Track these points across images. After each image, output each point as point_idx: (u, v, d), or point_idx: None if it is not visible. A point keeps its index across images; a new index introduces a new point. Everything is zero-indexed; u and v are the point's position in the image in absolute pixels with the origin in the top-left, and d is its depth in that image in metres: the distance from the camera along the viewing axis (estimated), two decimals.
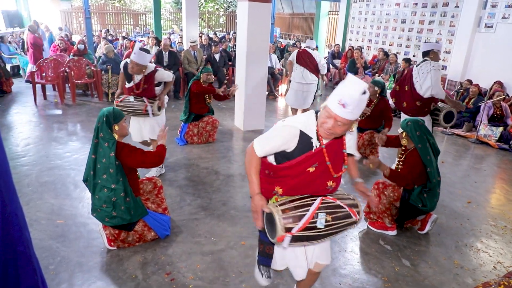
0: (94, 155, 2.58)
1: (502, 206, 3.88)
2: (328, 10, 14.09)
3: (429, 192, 2.98)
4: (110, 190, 2.56)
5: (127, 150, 2.61)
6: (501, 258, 2.96)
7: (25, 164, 4.24)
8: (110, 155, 2.53)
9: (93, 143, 2.59)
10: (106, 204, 2.58)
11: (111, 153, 2.53)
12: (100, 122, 2.57)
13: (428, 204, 2.97)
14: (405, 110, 4.41)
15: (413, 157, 2.99)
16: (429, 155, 2.94)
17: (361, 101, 1.54)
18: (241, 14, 5.58)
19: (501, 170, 4.96)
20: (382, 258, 2.87)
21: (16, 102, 7.04)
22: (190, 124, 5.10)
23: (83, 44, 7.97)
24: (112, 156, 2.52)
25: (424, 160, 2.93)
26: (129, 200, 2.62)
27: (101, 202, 2.59)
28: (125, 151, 2.60)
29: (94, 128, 2.60)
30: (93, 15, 17.74)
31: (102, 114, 2.59)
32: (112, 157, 2.52)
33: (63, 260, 2.65)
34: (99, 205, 2.60)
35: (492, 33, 7.21)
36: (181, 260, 2.72)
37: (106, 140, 2.54)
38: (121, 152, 2.58)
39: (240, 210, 3.47)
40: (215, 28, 22.08)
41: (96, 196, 2.61)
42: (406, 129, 3.01)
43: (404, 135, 3.04)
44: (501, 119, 6.21)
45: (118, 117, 2.63)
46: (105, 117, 2.57)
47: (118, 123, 2.61)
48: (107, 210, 2.59)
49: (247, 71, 5.63)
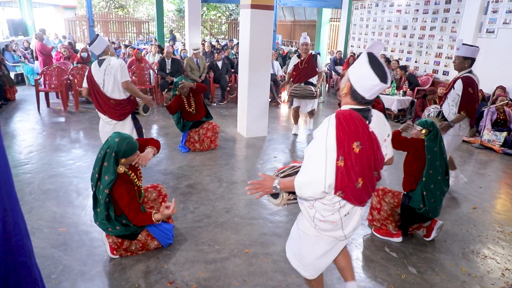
0: (98, 175, 2.51)
1: (508, 212, 3.83)
2: (329, 17, 14.17)
3: (429, 190, 2.93)
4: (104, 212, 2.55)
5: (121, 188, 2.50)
6: (509, 265, 2.91)
7: (27, 172, 4.24)
8: (105, 192, 2.47)
9: (97, 163, 2.51)
10: (105, 219, 2.58)
11: (106, 189, 2.46)
12: (109, 149, 2.46)
13: (427, 204, 2.93)
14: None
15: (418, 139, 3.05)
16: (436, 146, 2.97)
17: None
18: (243, 21, 5.61)
19: (506, 175, 4.92)
20: (388, 265, 2.83)
21: (19, 109, 7.07)
22: (191, 131, 5.09)
23: (86, 52, 8.03)
24: (105, 193, 2.47)
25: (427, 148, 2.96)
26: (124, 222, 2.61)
27: (102, 216, 2.58)
28: (119, 188, 2.50)
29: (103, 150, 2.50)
30: (96, 23, 17.92)
31: (114, 144, 2.45)
32: (105, 193, 2.47)
33: (65, 269, 2.63)
34: (100, 219, 2.60)
35: (493, 38, 7.21)
36: (184, 268, 2.69)
37: (108, 173, 2.46)
38: (117, 187, 2.50)
39: (244, 218, 3.44)
40: (217, 36, 22.22)
41: (98, 210, 2.60)
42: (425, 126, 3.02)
43: (424, 131, 3.02)
44: (505, 124, 6.18)
45: (130, 153, 2.51)
46: (114, 151, 2.44)
47: (127, 158, 2.52)
48: (108, 223, 2.58)
49: (249, 78, 5.63)
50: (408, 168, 3.12)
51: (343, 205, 1.79)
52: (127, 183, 2.55)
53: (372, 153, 1.70)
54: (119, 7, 24.25)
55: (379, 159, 1.76)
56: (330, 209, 1.79)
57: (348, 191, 1.68)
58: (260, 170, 4.60)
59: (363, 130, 1.65)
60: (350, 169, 1.64)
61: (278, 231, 3.24)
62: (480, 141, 6.00)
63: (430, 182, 2.94)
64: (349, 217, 1.85)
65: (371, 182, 1.75)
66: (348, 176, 1.65)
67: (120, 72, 3.86)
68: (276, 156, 5.15)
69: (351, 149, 1.63)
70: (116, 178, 2.48)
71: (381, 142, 1.77)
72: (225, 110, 7.73)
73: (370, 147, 1.67)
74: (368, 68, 1.58)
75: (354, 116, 1.66)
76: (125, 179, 2.55)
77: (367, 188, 1.74)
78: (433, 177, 2.94)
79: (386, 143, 1.86)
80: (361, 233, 3.28)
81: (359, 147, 1.64)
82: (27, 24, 12.84)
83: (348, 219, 1.86)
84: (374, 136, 1.71)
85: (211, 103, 8.16)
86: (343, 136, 1.63)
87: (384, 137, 1.83)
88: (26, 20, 12.82)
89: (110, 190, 2.49)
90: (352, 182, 1.66)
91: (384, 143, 1.83)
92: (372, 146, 1.68)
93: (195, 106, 4.93)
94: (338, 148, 1.63)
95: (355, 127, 1.64)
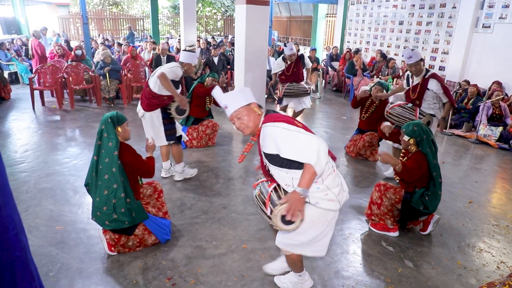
0: (96, 157, 2.60)
1: (504, 206, 3.86)
2: (325, 12, 14.14)
3: (431, 195, 2.98)
4: (111, 191, 2.56)
5: (130, 153, 2.68)
6: (504, 258, 2.94)
7: (23, 171, 4.22)
8: (114, 154, 2.56)
9: (96, 145, 2.62)
10: (106, 206, 2.57)
11: (114, 151, 2.57)
12: (104, 124, 2.61)
13: (430, 207, 2.97)
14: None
15: (418, 155, 2.98)
16: (435, 159, 2.96)
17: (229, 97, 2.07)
18: (239, 17, 5.58)
19: (501, 169, 4.95)
20: (385, 259, 2.85)
21: (14, 108, 7.02)
22: (190, 128, 5.09)
23: (80, 50, 7.96)
24: (115, 155, 2.56)
25: (430, 164, 2.94)
26: (129, 201, 2.62)
27: (101, 204, 2.58)
28: (129, 152, 2.67)
29: (97, 131, 2.62)
30: (90, 21, 17.78)
31: (106, 117, 2.64)
32: (115, 156, 2.56)
33: (62, 267, 2.62)
34: (100, 207, 2.59)
35: (489, 33, 7.23)
36: (182, 264, 2.69)
37: (110, 139, 2.58)
38: (125, 152, 2.64)
39: (241, 214, 3.45)
40: (213, 32, 22.13)
41: (97, 199, 2.61)
42: (413, 135, 2.99)
43: (412, 141, 3.00)
44: (500, 119, 6.21)
45: (121, 120, 2.69)
46: (109, 118, 2.62)
47: (121, 126, 2.67)
48: (108, 213, 2.57)
49: (245, 75, 5.62)
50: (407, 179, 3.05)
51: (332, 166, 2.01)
52: (135, 151, 2.73)
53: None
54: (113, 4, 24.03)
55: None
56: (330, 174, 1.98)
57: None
58: None
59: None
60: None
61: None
62: (476, 136, 6.03)
63: (432, 191, 2.99)
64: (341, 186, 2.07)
65: None
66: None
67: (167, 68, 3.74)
68: None
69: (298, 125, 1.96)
70: (119, 141, 2.62)
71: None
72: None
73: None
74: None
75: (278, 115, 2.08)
76: (131, 148, 2.72)
77: None
78: (435, 187, 2.98)
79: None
80: (358, 228, 3.29)
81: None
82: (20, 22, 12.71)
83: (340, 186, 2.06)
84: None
85: None
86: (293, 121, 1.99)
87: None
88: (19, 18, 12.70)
89: (121, 154, 2.60)
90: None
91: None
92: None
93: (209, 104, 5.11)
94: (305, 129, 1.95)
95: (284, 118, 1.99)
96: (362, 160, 4.92)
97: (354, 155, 4.96)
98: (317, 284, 2.55)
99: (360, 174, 4.48)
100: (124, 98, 7.58)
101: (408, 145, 3.04)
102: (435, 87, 3.97)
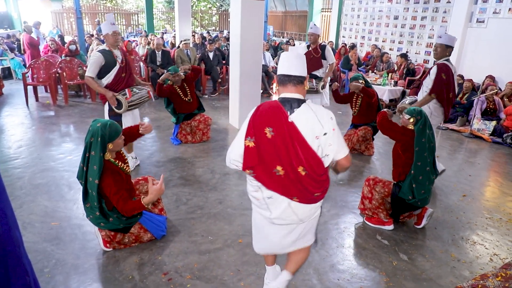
0: (85, 168, 2.46)
1: (497, 199, 3.90)
2: (321, 7, 14.11)
3: (418, 183, 2.96)
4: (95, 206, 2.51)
5: (108, 179, 2.45)
6: (497, 250, 2.98)
7: (17, 167, 4.19)
8: (95, 182, 2.41)
9: (84, 155, 2.45)
10: (98, 212, 2.53)
11: (95, 179, 2.41)
12: (93, 138, 2.39)
13: (417, 196, 2.96)
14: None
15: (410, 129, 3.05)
16: (424, 138, 2.96)
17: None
18: (234, 12, 5.55)
19: (495, 163, 5.00)
20: (380, 253, 2.88)
21: (7, 104, 6.95)
22: (182, 124, 5.06)
23: (74, 45, 7.89)
24: (96, 183, 2.42)
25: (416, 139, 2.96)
26: (116, 216, 2.57)
27: (93, 210, 2.54)
28: (106, 179, 2.45)
29: (86, 142, 2.44)
30: (84, 15, 17.58)
31: (97, 130, 2.39)
32: (96, 184, 2.42)
33: (58, 263, 2.62)
34: (92, 212, 2.56)
35: (483, 28, 7.25)
36: (178, 259, 2.70)
37: (95, 162, 2.39)
38: (104, 178, 2.45)
39: (237, 208, 3.46)
40: (208, 27, 22.00)
41: (87, 205, 2.56)
42: (413, 113, 3.02)
43: (412, 120, 3.03)
44: (494, 113, 6.25)
45: (114, 135, 2.47)
46: (100, 137, 2.38)
47: (113, 142, 2.47)
48: (100, 217, 2.55)
49: (241, 69, 5.60)
50: (396, 159, 3.15)
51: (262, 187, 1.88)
52: (114, 173, 2.50)
53: (291, 144, 1.74)
54: None
55: (306, 154, 1.75)
56: (252, 185, 1.93)
57: (260, 173, 1.81)
58: None
59: (278, 118, 1.76)
60: (262, 152, 1.78)
61: None
62: (470, 130, 6.07)
63: (419, 174, 2.97)
64: (273, 201, 1.88)
65: (296, 176, 1.77)
66: (260, 157, 1.78)
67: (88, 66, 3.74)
68: None
69: (263, 133, 1.77)
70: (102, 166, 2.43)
71: (309, 137, 1.76)
72: (217, 102, 7.69)
73: (286, 136, 1.75)
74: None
75: (273, 105, 1.81)
76: (112, 169, 2.50)
77: (292, 181, 1.78)
78: (421, 169, 2.96)
79: (321, 141, 1.77)
80: (353, 222, 3.32)
81: (271, 133, 1.76)
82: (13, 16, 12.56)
83: (274, 204, 1.88)
84: (292, 127, 1.75)
85: (202, 95, 8.11)
86: (255, 120, 1.80)
87: (315, 134, 1.76)
88: (11, 12, 12.54)
89: (99, 181, 2.45)
90: (267, 166, 1.78)
91: (316, 139, 1.76)
92: (289, 135, 1.74)
93: (191, 94, 4.94)
94: (248, 130, 1.81)
95: (268, 114, 1.78)
96: (357, 154, 4.94)
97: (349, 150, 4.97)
98: (312, 277, 2.57)
99: (355, 169, 4.51)
100: None
101: (407, 123, 3.07)
102: (432, 75, 3.94)
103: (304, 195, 1.83)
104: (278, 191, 1.83)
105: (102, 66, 3.71)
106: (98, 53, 3.70)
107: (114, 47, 3.82)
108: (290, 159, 1.76)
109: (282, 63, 1.86)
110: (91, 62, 3.71)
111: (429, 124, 3.03)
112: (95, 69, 3.71)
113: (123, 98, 3.75)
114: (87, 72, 3.73)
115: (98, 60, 3.69)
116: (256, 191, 1.92)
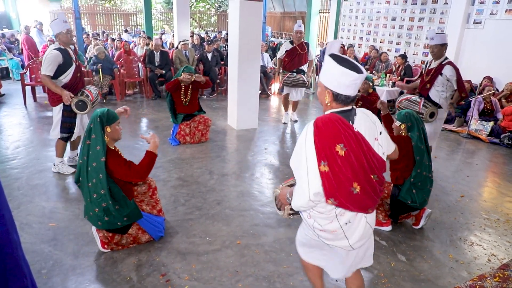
0: (85, 157, 2.49)
1: (495, 200, 3.91)
2: (319, 8, 14.12)
3: (418, 188, 3.00)
4: (99, 196, 2.49)
5: (112, 158, 2.51)
6: (495, 251, 2.99)
7: (15, 167, 4.17)
8: (101, 160, 2.45)
9: (84, 144, 2.51)
10: (97, 208, 2.52)
11: (101, 157, 2.45)
12: (93, 123, 2.48)
13: (417, 200, 2.99)
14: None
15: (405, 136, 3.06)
16: (422, 144, 2.99)
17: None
18: (232, 13, 5.56)
19: (492, 164, 5.01)
20: (378, 253, 2.88)
21: (5, 104, 6.93)
22: (182, 124, 5.06)
23: (73, 45, 7.86)
24: (102, 161, 2.45)
25: (415, 147, 2.97)
26: (118, 208, 2.56)
27: (93, 206, 2.53)
28: (110, 159, 2.50)
29: (86, 129, 2.53)
30: (83, 16, 17.56)
31: (96, 115, 2.49)
32: (103, 162, 2.45)
33: (55, 264, 2.61)
34: (91, 209, 2.55)
35: (480, 29, 7.28)
36: (176, 261, 2.69)
37: (98, 143, 2.46)
38: (109, 159, 2.49)
39: (235, 210, 3.45)
40: (207, 28, 22.00)
41: (88, 199, 2.55)
42: (404, 120, 3.04)
43: (403, 127, 3.05)
44: (491, 114, 6.28)
45: (112, 119, 2.54)
46: (98, 117, 2.48)
47: (111, 125, 2.54)
48: (99, 215, 2.54)
49: (239, 70, 5.60)
50: (393, 164, 3.13)
51: (341, 213, 1.68)
52: (117, 155, 2.57)
53: (363, 155, 1.59)
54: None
55: (375, 160, 1.65)
56: (326, 217, 1.70)
57: (341, 197, 1.57)
58: (251, 162, 4.61)
59: (345, 131, 1.57)
60: (338, 174, 1.55)
61: (269, 222, 3.25)
62: (468, 130, 6.09)
63: (419, 180, 3.00)
64: (351, 225, 1.71)
65: (371, 187, 1.63)
66: (338, 181, 1.55)
67: (43, 63, 3.61)
68: (267, 148, 5.15)
69: (334, 152, 1.55)
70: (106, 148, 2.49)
71: (371, 141, 1.66)
72: (215, 103, 7.69)
73: (358, 148, 1.58)
74: (339, 67, 1.56)
75: (334, 118, 1.59)
76: (114, 153, 2.56)
77: (368, 193, 1.62)
78: (421, 175, 2.99)
79: (379, 141, 1.72)
80: None
81: (344, 149, 1.55)
82: (11, 16, 12.53)
83: (351, 228, 1.71)
84: (361, 137, 1.61)
85: (201, 96, 8.11)
86: (322, 140, 1.56)
87: (374, 136, 1.70)
88: (10, 12, 12.51)
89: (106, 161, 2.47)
90: (345, 188, 1.57)
91: (376, 141, 1.70)
92: (360, 147, 1.59)
93: (189, 98, 4.94)
94: (318, 153, 1.56)
95: (335, 129, 1.56)
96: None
97: None
98: None
99: None
100: (117, 94, 7.51)
101: (399, 130, 3.10)
102: (449, 73, 4.02)
103: (375, 202, 1.70)
104: (358, 210, 1.65)
105: (60, 65, 3.63)
106: (56, 51, 3.58)
107: (67, 46, 3.74)
108: (365, 171, 1.60)
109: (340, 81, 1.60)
110: (49, 60, 3.56)
111: (419, 128, 3.02)
112: (53, 67, 3.60)
113: (88, 99, 3.70)
114: (43, 71, 3.57)
115: (56, 58, 3.58)
116: (331, 222, 1.70)
